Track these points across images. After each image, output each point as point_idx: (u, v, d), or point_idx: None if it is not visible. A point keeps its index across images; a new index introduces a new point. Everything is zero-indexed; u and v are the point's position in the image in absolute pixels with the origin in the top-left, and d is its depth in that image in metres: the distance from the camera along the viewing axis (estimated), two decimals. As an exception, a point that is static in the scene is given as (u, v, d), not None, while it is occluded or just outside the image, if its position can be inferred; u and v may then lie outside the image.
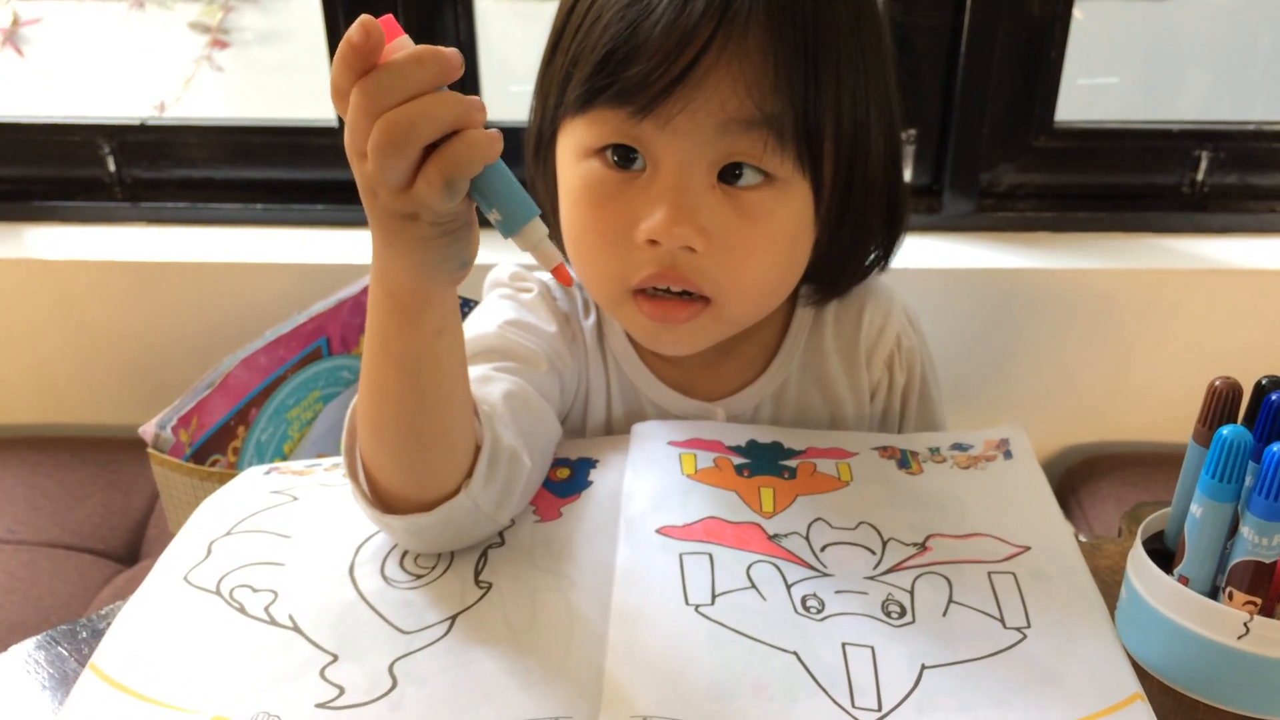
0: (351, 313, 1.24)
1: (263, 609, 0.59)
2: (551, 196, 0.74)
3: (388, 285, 0.55)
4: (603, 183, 0.68)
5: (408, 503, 0.60)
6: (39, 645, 0.59)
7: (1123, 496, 1.29)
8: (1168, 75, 1.57)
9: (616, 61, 0.63)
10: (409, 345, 0.56)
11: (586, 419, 0.80)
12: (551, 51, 0.70)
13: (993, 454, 0.72)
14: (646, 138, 0.65)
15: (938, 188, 1.40)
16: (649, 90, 0.63)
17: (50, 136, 1.44)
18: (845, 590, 0.60)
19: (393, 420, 0.58)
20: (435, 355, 0.57)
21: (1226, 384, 0.57)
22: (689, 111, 0.63)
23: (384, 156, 0.47)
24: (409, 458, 0.59)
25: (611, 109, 0.65)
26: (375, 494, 0.62)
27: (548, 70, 0.71)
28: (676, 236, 0.65)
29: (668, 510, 0.65)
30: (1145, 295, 1.33)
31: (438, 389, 0.58)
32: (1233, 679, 0.55)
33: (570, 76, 0.67)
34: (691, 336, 0.72)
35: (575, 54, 0.66)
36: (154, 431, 0.99)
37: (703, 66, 0.62)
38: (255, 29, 1.56)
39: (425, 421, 0.58)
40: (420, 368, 0.57)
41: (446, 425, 0.59)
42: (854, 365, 0.81)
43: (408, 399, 0.58)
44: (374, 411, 0.59)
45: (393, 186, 0.49)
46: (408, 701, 0.53)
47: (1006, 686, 0.54)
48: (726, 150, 0.65)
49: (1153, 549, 0.58)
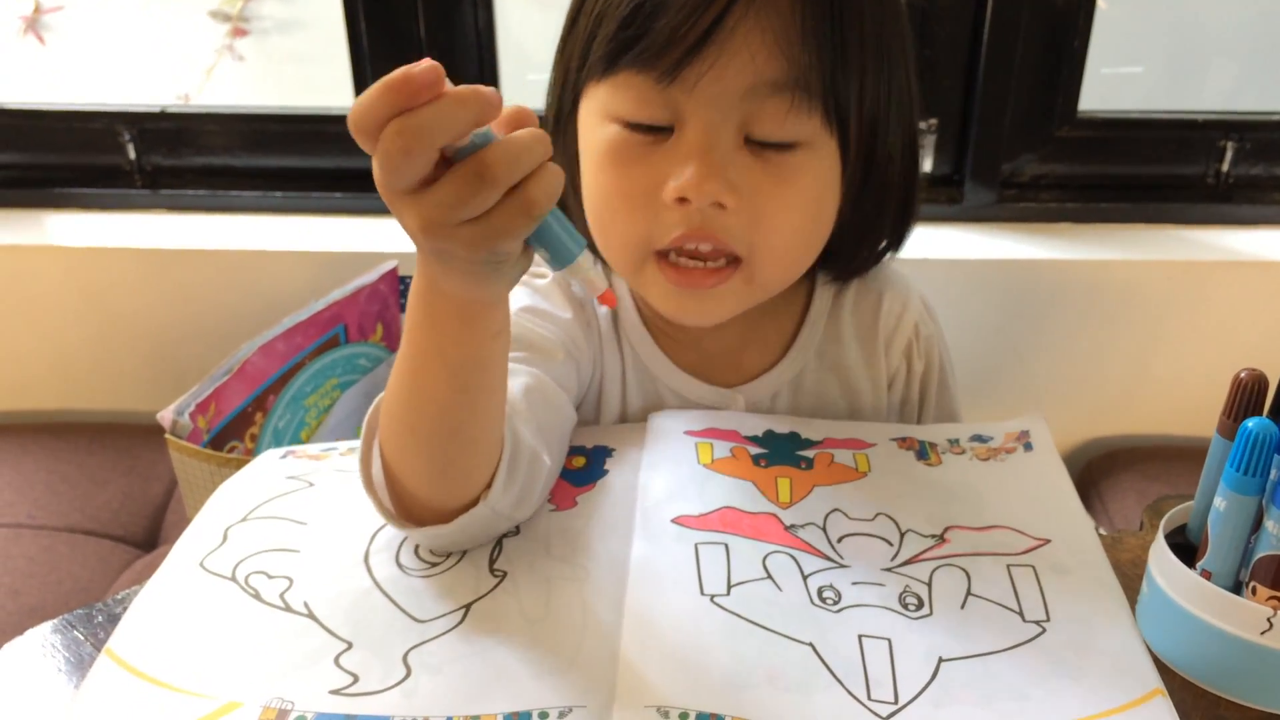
0: (369, 300, 1.24)
1: (278, 595, 0.59)
2: (571, 161, 0.73)
3: (446, 293, 0.53)
4: (628, 145, 0.67)
5: (428, 509, 0.59)
6: (55, 629, 0.60)
7: (1145, 490, 1.28)
8: (1192, 65, 1.55)
9: (643, 16, 0.63)
10: (465, 350, 0.55)
11: (601, 406, 0.80)
12: (574, 17, 0.69)
13: (1013, 446, 0.71)
14: (674, 102, 0.65)
15: (959, 178, 1.39)
16: (676, 49, 0.62)
17: (71, 124, 1.44)
18: (862, 582, 0.59)
19: (436, 425, 0.57)
20: (491, 358, 0.56)
21: (1252, 376, 0.56)
22: (716, 71, 0.63)
23: (467, 197, 0.46)
24: (445, 462, 0.58)
25: (637, 72, 0.64)
26: (395, 498, 0.61)
27: (570, 35, 0.70)
28: (706, 193, 0.64)
29: (684, 500, 0.64)
30: (1169, 287, 1.32)
31: (487, 393, 0.57)
32: (1255, 675, 0.54)
33: (594, 36, 0.66)
34: (719, 303, 0.71)
35: (600, 12, 0.65)
36: (172, 418, 0.99)
37: (732, 19, 0.62)
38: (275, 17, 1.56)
39: (469, 425, 0.57)
40: (473, 371, 0.56)
41: (486, 428, 0.58)
42: (872, 354, 0.80)
43: (455, 403, 0.56)
44: (414, 415, 0.57)
45: (466, 223, 0.47)
46: (421, 690, 0.53)
47: (1025, 680, 0.54)
48: (753, 114, 0.64)
49: (1175, 543, 0.58)
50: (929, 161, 1.38)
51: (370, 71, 1.37)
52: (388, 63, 1.37)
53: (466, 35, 1.36)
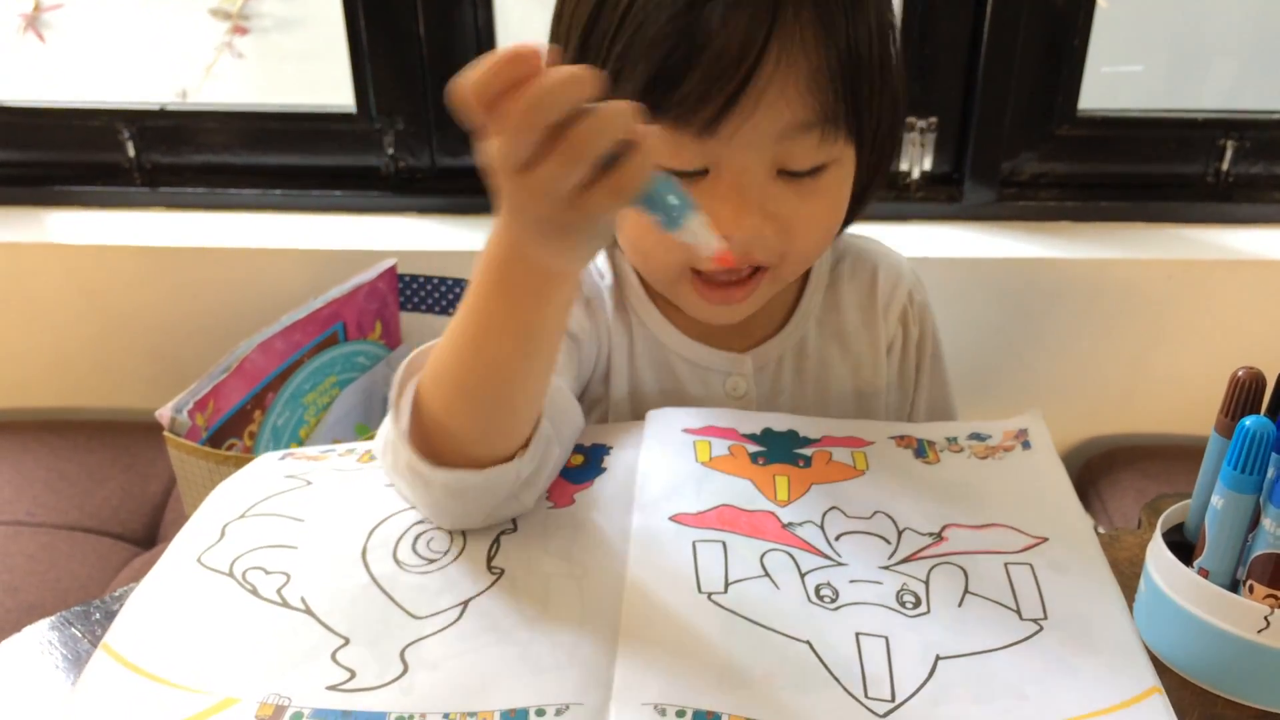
0: (368, 298, 1.24)
1: (275, 591, 0.59)
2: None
3: (530, 262, 0.54)
4: None
5: (461, 456, 0.59)
6: (53, 626, 0.60)
7: (1143, 489, 1.28)
8: (1193, 63, 1.55)
9: (671, 77, 0.63)
10: (536, 317, 0.56)
11: (610, 380, 0.81)
12: (580, 49, 0.68)
13: (1011, 444, 0.71)
14: (708, 150, 0.66)
15: (959, 176, 1.39)
16: (711, 104, 0.63)
17: (70, 121, 1.44)
18: (860, 580, 0.59)
19: (492, 388, 0.58)
20: (557, 327, 0.58)
21: (1250, 374, 0.56)
22: (753, 121, 0.64)
23: (566, 169, 0.47)
24: (498, 420, 0.60)
25: (671, 129, 0.65)
26: (425, 444, 0.60)
27: (581, 57, 0.68)
28: (746, 228, 0.68)
29: (681, 497, 0.64)
30: (1168, 286, 1.32)
31: (546, 360, 0.59)
32: (1252, 673, 0.54)
33: (615, 78, 0.66)
34: (749, 305, 0.75)
35: (618, 62, 0.65)
36: (170, 415, 0.99)
37: (765, 70, 0.63)
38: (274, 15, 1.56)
39: (523, 390, 0.59)
40: (539, 337, 0.58)
41: (537, 393, 0.61)
42: (872, 320, 0.84)
43: (517, 368, 0.58)
44: (471, 378, 0.58)
45: (565, 196, 0.49)
46: (418, 686, 0.53)
47: (1022, 678, 0.54)
48: (785, 153, 0.67)
49: (1173, 541, 0.58)
50: (929, 160, 1.38)
51: (370, 70, 1.37)
52: (387, 61, 1.38)
53: (466, 34, 1.36)
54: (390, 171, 1.44)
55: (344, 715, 0.51)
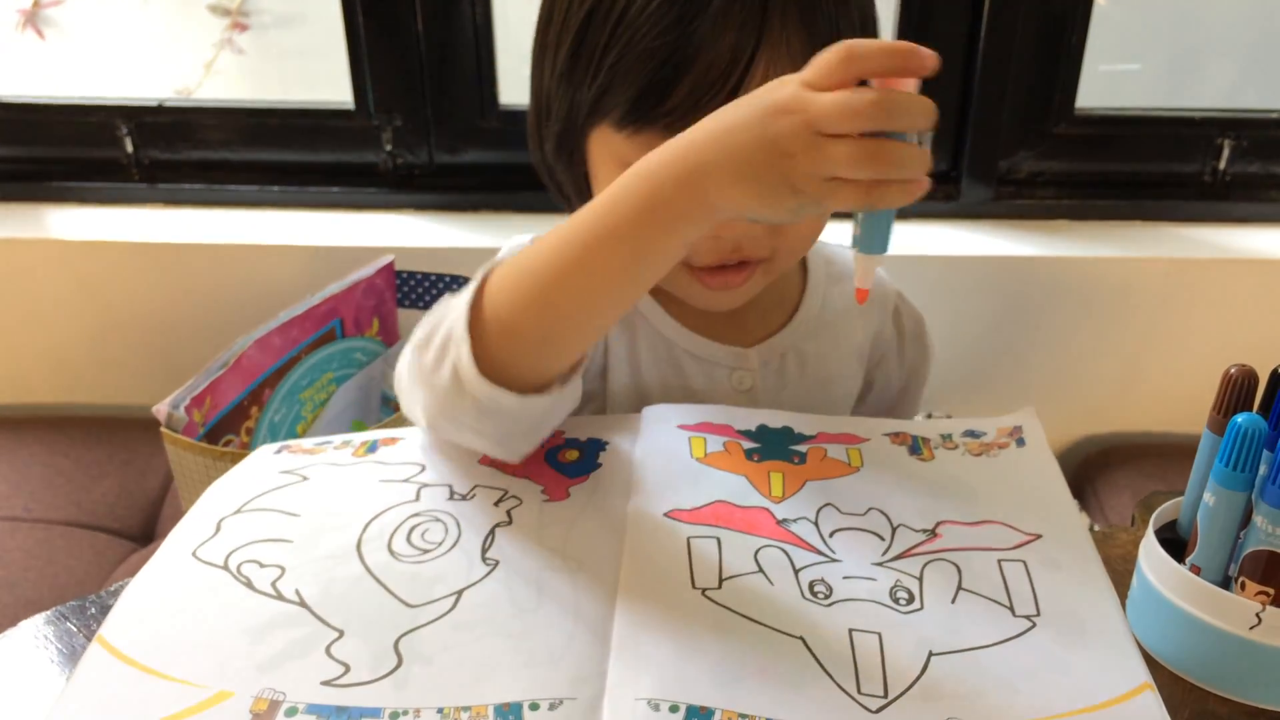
0: (365, 294, 1.24)
1: (270, 584, 0.59)
2: (578, 186, 0.76)
3: (694, 192, 0.55)
4: None
5: (508, 368, 0.61)
6: (48, 621, 0.60)
7: (1139, 487, 1.28)
8: (1190, 62, 1.55)
9: (662, 87, 0.64)
10: (666, 242, 0.58)
11: (608, 376, 0.82)
12: (571, 58, 0.69)
13: (1005, 441, 0.71)
14: None
15: (956, 174, 1.40)
16: (698, 117, 0.62)
17: (68, 117, 1.44)
18: (853, 576, 0.60)
19: (583, 293, 0.60)
20: (672, 261, 0.59)
21: (1242, 372, 0.56)
22: None
23: (859, 167, 0.51)
24: (565, 332, 0.61)
25: (663, 137, 0.64)
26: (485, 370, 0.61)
27: (570, 75, 0.70)
28: (737, 228, 0.69)
29: (676, 493, 0.65)
30: (1164, 284, 1.32)
31: (642, 287, 0.61)
32: (1244, 669, 0.54)
33: (609, 86, 0.67)
34: (745, 293, 0.77)
35: (611, 69, 0.66)
36: (167, 411, 0.99)
37: (751, 85, 0.62)
38: (274, 12, 1.56)
39: (606, 309, 0.61)
40: (653, 263, 0.59)
41: (611, 319, 0.65)
42: (863, 316, 0.87)
43: (615, 283, 0.59)
44: (567, 275, 0.59)
45: (821, 176, 0.52)
46: (412, 680, 0.53)
47: (1015, 674, 0.54)
48: None
49: (1165, 538, 0.58)
50: (926, 158, 1.38)
51: (368, 67, 1.38)
52: (386, 58, 1.39)
53: (464, 30, 1.36)
54: (388, 168, 1.44)
55: (338, 710, 0.51)
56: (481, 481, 0.67)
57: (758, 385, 0.82)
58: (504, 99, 1.42)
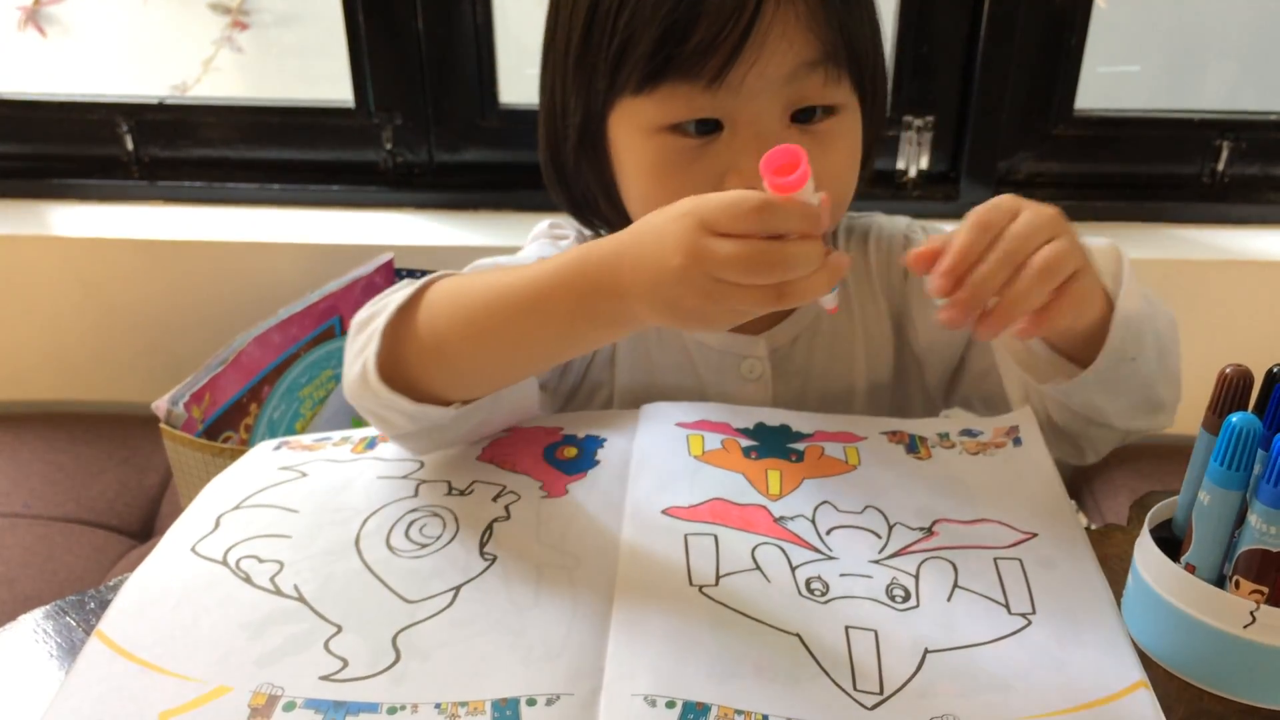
0: (364, 292, 1.25)
1: (268, 579, 0.59)
2: (603, 178, 0.77)
3: (625, 308, 0.57)
4: (681, 152, 0.70)
5: (417, 380, 0.63)
6: (47, 615, 0.60)
7: (1136, 488, 1.28)
8: (1190, 64, 1.55)
9: (678, 33, 0.66)
10: (594, 337, 0.61)
11: (615, 367, 0.82)
12: (584, 38, 0.71)
13: (1002, 441, 0.71)
14: (721, 103, 0.68)
15: (955, 175, 1.40)
16: (718, 54, 0.66)
17: (69, 115, 1.45)
18: (850, 574, 0.60)
19: (509, 355, 0.63)
20: (598, 346, 0.63)
21: (1237, 371, 0.56)
22: (760, 66, 0.67)
23: (755, 307, 0.54)
24: (481, 377, 0.65)
25: (682, 83, 0.67)
26: (391, 352, 0.64)
27: (584, 57, 0.71)
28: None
29: (674, 491, 0.65)
30: (1163, 285, 1.32)
31: (569, 359, 0.64)
32: (1238, 668, 0.54)
33: (621, 58, 0.68)
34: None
35: (624, 35, 0.68)
36: (167, 407, 1.00)
37: (766, 14, 0.66)
38: (274, 11, 1.56)
39: (528, 370, 0.66)
40: (580, 349, 0.63)
41: (531, 374, 0.67)
42: (872, 292, 0.85)
43: (542, 355, 0.63)
44: (496, 335, 0.62)
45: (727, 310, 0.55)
46: (410, 675, 0.53)
47: (1010, 672, 0.54)
48: (796, 95, 0.69)
49: (1160, 537, 0.58)
50: (925, 159, 1.39)
51: (368, 65, 1.38)
52: (386, 57, 1.39)
53: (465, 30, 1.36)
54: (388, 167, 1.44)
55: (336, 705, 0.51)
56: (479, 477, 0.67)
57: (768, 374, 0.82)
58: (504, 98, 1.42)
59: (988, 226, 0.56)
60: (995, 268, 0.55)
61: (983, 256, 0.56)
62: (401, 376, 0.64)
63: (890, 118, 1.37)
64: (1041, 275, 0.56)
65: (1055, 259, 0.56)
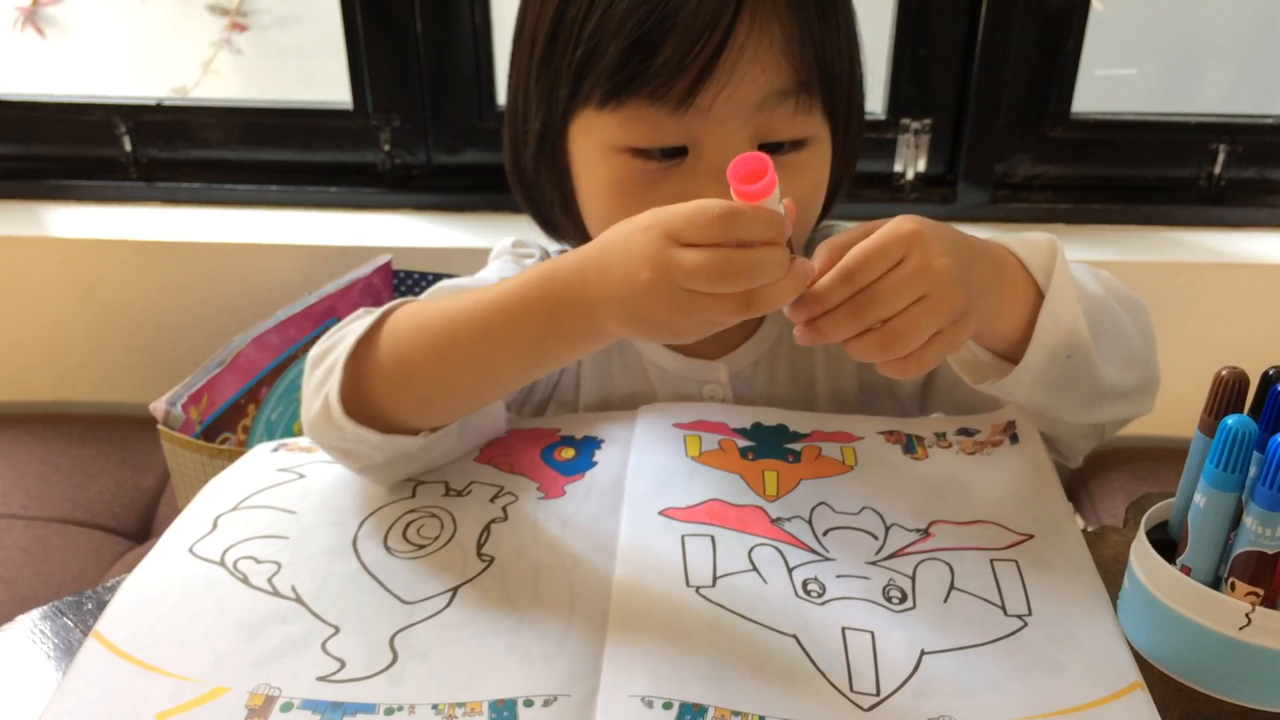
0: (362, 293, 1.25)
1: (266, 580, 0.59)
2: (561, 187, 0.75)
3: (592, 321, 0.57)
4: (643, 174, 0.68)
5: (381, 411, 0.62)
6: (44, 616, 0.60)
7: (1134, 491, 1.28)
8: (1187, 67, 1.55)
9: (647, 44, 0.63)
10: (563, 353, 0.60)
11: (580, 388, 0.81)
12: (549, 42, 0.69)
13: (999, 438, 0.71)
14: (687, 127, 0.66)
15: (952, 178, 1.40)
16: (686, 76, 0.63)
17: (67, 116, 1.45)
18: (846, 575, 0.60)
19: (474, 375, 0.62)
20: (566, 363, 0.61)
21: (1233, 374, 0.56)
22: (729, 91, 0.64)
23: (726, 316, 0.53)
24: (447, 401, 0.63)
25: (648, 105, 0.65)
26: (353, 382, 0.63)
27: (548, 61, 0.69)
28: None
29: (671, 492, 0.65)
30: (1160, 288, 1.33)
31: (538, 378, 0.63)
32: (1233, 670, 0.54)
33: (588, 63, 0.66)
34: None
35: (590, 44, 0.65)
36: (164, 408, 1.00)
37: (738, 37, 0.63)
38: (273, 12, 1.56)
39: (494, 392, 0.64)
40: (548, 367, 0.62)
41: (500, 396, 0.66)
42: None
43: (509, 376, 0.62)
44: (462, 356, 0.61)
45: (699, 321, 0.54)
46: (408, 676, 0.53)
47: (1006, 673, 0.54)
48: (765, 125, 0.67)
49: (1156, 539, 0.58)
50: (922, 161, 1.39)
51: (367, 67, 1.38)
52: (385, 59, 1.39)
53: (463, 32, 1.36)
54: (386, 168, 1.44)
55: (334, 706, 0.51)
56: (477, 478, 0.67)
57: (729, 397, 0.80)
58: (502, 100, 1.42)
59: (850, 277, 0.55)
60: (842, 321, 0.55)
61: (837, 305, 0.55)
62: (365, 408, 0.62)
63: (887, 120, 1.38)
64: (885, 339, 0.55)
65: (909, 326, 0.55)
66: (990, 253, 0.62)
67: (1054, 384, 0.66)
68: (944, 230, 0.58)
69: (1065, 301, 0.63)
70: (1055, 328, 0.63)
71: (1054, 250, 0.64)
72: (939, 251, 0.55)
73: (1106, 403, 0.68)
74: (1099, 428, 0.73)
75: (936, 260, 0.55)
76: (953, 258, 0.56)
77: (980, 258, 0.60)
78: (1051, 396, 0.67)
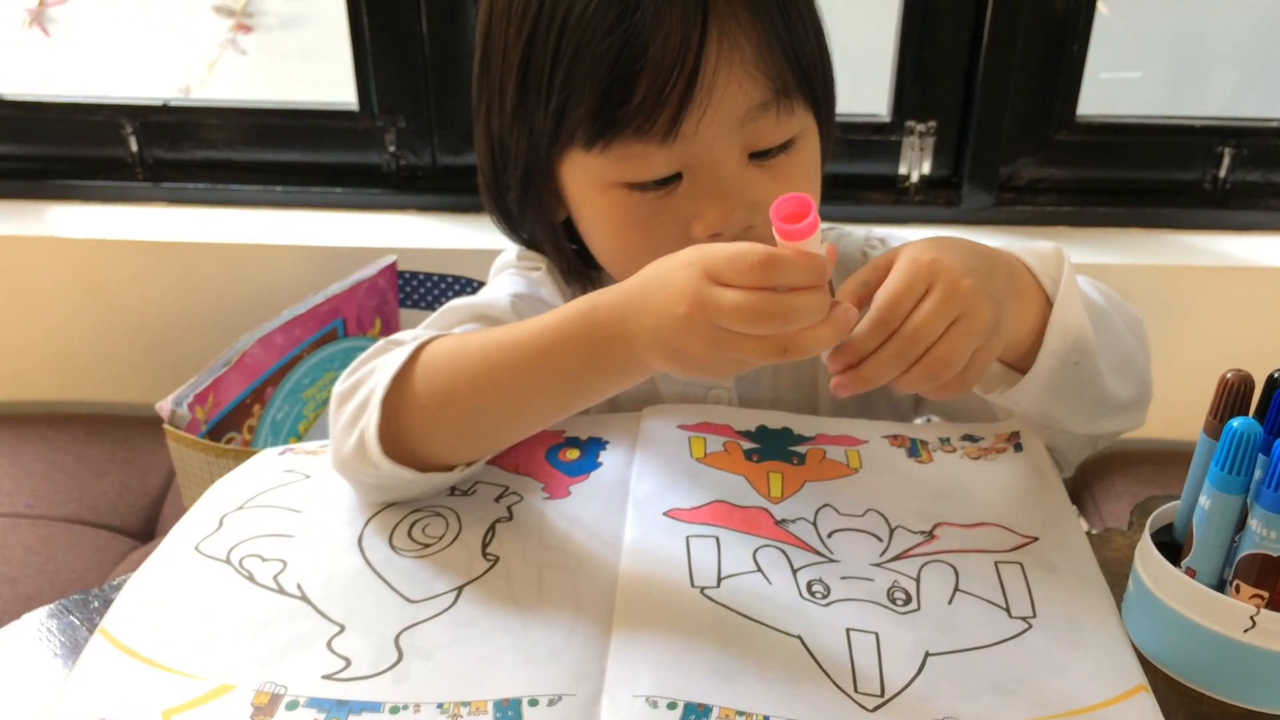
0: (368, 294, 1.25)
1: (271, 578, 0.59)
2: (551, 225, 0.76)
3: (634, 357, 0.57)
4: (640, 204, 0.68)
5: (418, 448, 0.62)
6: (51, 614, 0.60)
7: (1138, 494, 1.28)
8: (1192, 70, 1.55)
9: (620, 92, 0.64)
10: (605, 387, 0.60)
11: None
12: (520, 93, 0.68)
13: (1003, 446, 0.71)
14: (678, 154, 0.66)
15: (957, 180, 1.40)
16: (666, 108, 0.64)
17: (73, 116, 1.45)
18: (851, 576, 0.60)
19: (527, 412, 0.62)
20: (606, 395, 0.61)
21: (1238, 376, 0.56)
22: (711, 112, 0.65)
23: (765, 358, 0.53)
24: (487, 437, 0.64)
25: (635, 142, 0.65)
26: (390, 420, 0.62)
27: (521, 111, 0.69)
28: (736, 221, 0.67)
29: (676, 493, 0.65)
30: (1164, 291, 1.33)
31: (577, 410, 0.62)
32: (1238, 672, 0.54)
33: (563, 114, 0.66)
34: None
35: (561, 97, 0.65)
36: (170, 408, 1.00)
37: (710, 60, 0.63)
38: (278, 13, 1.57)
39: (534, 426, 0.64)
40: (589, 401, 0.61)
41: (538, 429, 0.66)
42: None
43: (549, 411, 0.62)
44: (513, 398, 0.61)
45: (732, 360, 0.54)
46: (413, 675, 0.53)
47: (1010, 676, 0.54)
48: (752, 136, 0.67)
49: (1161, 541, 0.58)
50: (927, 164, 1.39)
51: (372, 68, 1.38)
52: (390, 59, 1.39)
53: (468, 33, 1.36)
54: (391, 169, 1.45)
55: (339, 704, 0.52)
56: (482, 478, 0.68)
57: (734, 402, 0.81)
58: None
59: (885, 322, 0.56)
60: (888, 363, 0.56)
61: (878, 349, 0.56)
62: (400, 445, 0.62)
63: (892, 123, 1.38)
64: (932, 369, 0.56)
65: (952, 352, 0.56)
66: (1002, 260, 0.63)
67: (1060, 391, 0.66)
68: (957, 247, 0.59)
69: (1073, 308, 0.64)
70: (1064, 333, 0.64)
71: (1060, 259, 0.66)
72: (961, 272, 0.56)
73: (1106, 413, 0.69)
74: (1094, 439, 0.74)
75: (962, 282, 0.56)
76: (974, 275, 0.57)
77: (995, 266, 0.61)
78: (1056, 404, 0.67)
